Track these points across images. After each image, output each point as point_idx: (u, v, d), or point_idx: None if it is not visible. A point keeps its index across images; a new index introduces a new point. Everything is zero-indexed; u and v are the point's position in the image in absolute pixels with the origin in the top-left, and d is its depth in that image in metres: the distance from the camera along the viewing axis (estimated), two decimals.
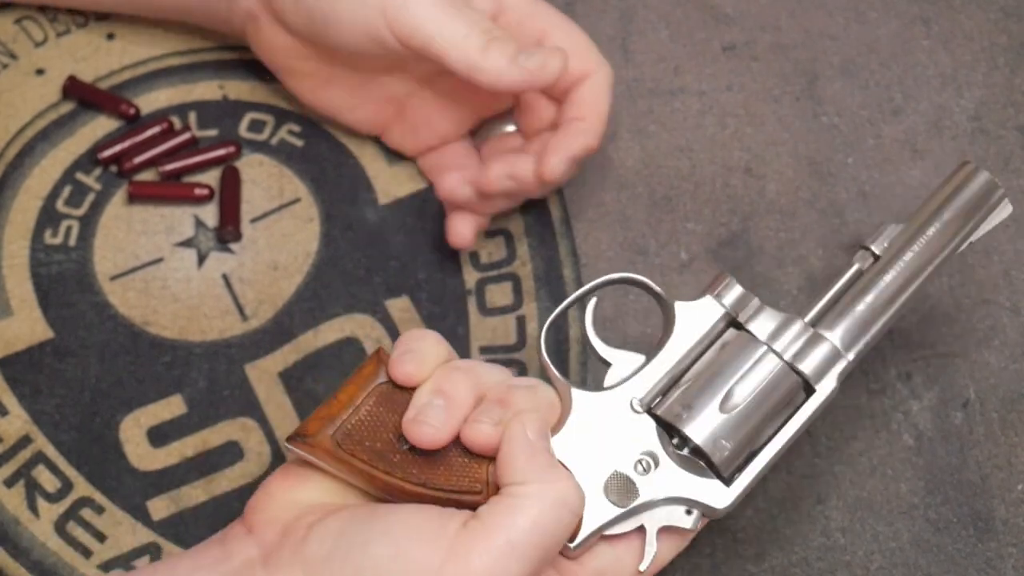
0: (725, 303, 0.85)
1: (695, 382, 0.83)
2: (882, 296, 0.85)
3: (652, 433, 0.83)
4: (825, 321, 0.85)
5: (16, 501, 0.92)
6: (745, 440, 0.82)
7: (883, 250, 0.86)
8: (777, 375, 0.83)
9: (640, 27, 1.05)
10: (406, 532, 0.77)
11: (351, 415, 0.81)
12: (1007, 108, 1.03)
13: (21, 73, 1.02)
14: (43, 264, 0.97)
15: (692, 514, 0.82)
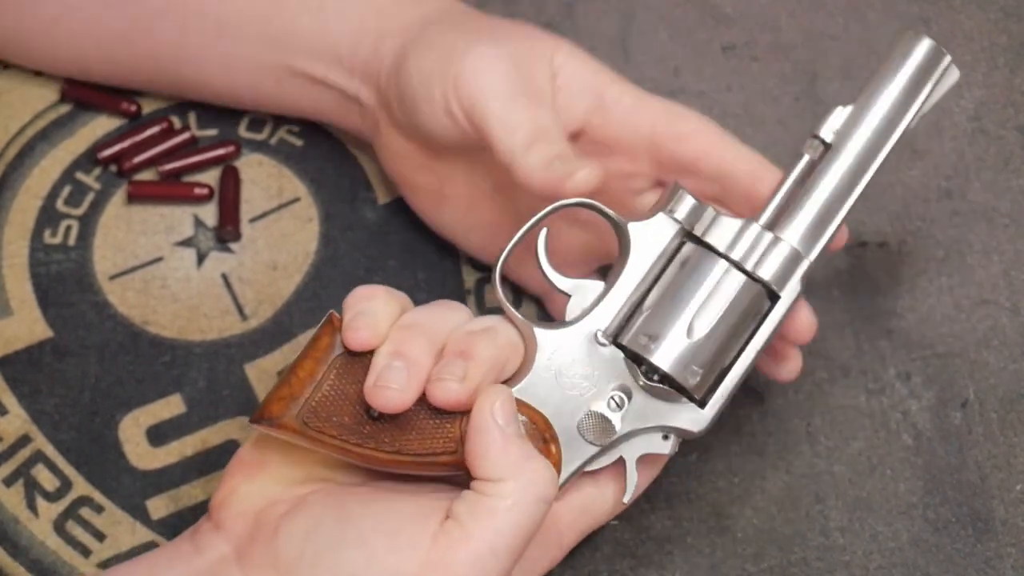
0: (678, 217, 0.83)
1: (658, 307, 0.82)
2: (837, 186, 0.83)
3: (620, 364, 0.81)
4: (781, 222, 0.83)
5: (15, 500, 0.92)
6: (714, 361, 0.81)
7: (833, 136, 0.84)
8: (740, 290, 0.82)
9: (640, 27, 1.05)
10: (380, 537, 0.76)
11: (314, 392, 0.79)
12: (1007, 108, 1.03)
13: (21, 73, 1.02)
14: (42, 264, 0.98)
15: (669, 439, 0.82)
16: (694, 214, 0.83)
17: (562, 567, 0.91)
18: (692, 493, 0.93)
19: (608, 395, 0.81)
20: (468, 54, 0.87)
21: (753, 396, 0.94)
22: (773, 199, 0.84)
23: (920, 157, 1.01)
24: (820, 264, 0.97)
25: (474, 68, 0.86)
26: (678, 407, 0.81)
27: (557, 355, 0.81)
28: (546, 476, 0.78)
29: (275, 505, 0.79)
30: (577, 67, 0.88)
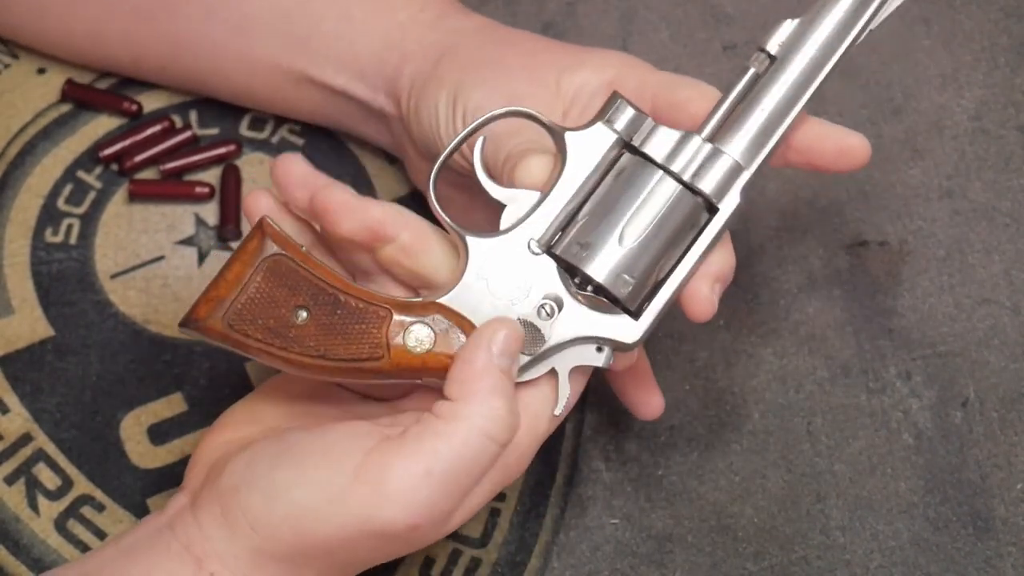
0: (617, 128, 0.82)
1: (592, 216, 0.81)
2: (781, 99, 0.82)
3: (553, 274, 0.81)
4: (723, 134, 0.82)
5: (17, 499, 0.92)
6: (648, 271, 0.81)
7: (778, 48, 0.83)
8: (675, 200, 0.81)
9: (640, 27, 1.05)
10: (312, 454, 0.77)
11: (240, 294, 0.79)
12: (1007, 108, 1.03)
13: (22, 72, 1.02)
14: (44, 262, 0.98)
15: (603, 351, 0.81)
16: (633, 124, 0.82)
17: (562, 565, 0.91)
18: (693, 492, 0.93)
19: (538, 304, 0.81)
20: (471, 100, 0.87)
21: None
22: (716, 111, 0.83)
23: (921, 156, 1.01)
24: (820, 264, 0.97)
25: (475, 114, 0.86)
26: (611, 318, 0.81)
27: (489, 263, 0.81)
28: (506, 418, 0.78)
29: (228, 454, 0.81)
30: (584, 77, 0.88)
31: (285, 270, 0.80)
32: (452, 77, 0.89)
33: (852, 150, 0.85)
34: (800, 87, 0.83)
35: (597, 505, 0.93)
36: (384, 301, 0.81)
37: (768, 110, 0.82)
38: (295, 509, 0.77)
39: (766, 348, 0.96)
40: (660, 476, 0.93)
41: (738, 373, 0.96)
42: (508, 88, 0.88)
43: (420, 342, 0.80)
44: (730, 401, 0.95)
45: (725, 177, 0.81)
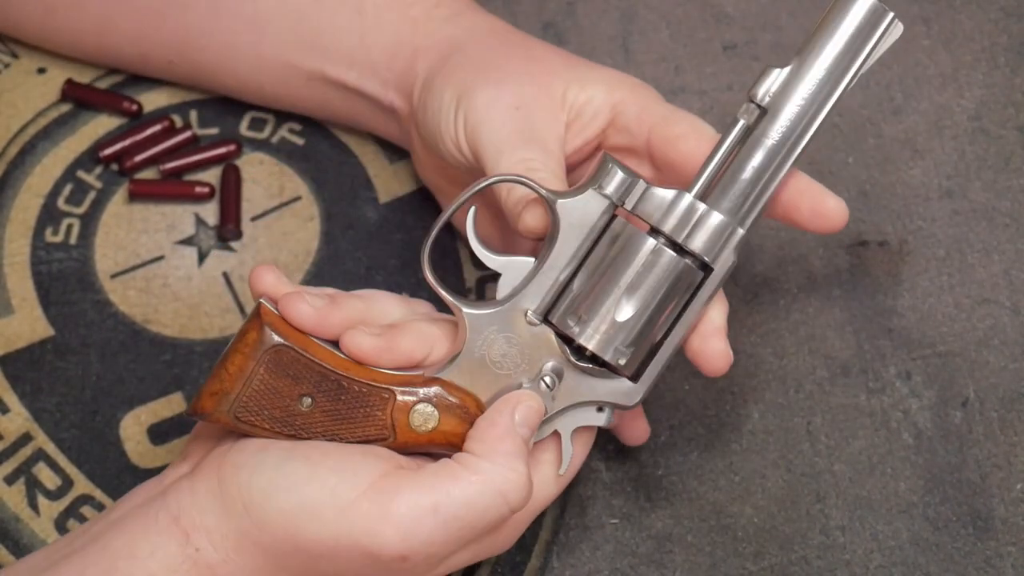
0: (607, 192, 0.81)
1: (586, 287, 0.81)
2: (772, 155, 0.81)
3: (552, 344, 0.82)
4: (715, 192, 0.82)
5: (17, 499, 0.92)
6: (643, 338, 0.81)
7: (768, 99, 0.82)
8: (669, 268, 0.81)
9: (641, 27, 1.05)
10: (327, 460, 0.78)
11: (244, 387, 0.80)
12: (1007, 108, 1.03)
13: (23, 72, 1.03)
14: (44, 262, 0.98)
15: (604, 411, 0.82)
16: (624, 187, 0.82)
17: (562, 565, 0.91)
18: (693, 492, 0.93)
19: (539, 374, 0.81)
20: (475, 97, 0.87)
21: None
22: (707, 167, 0.82)
23: (921, 156, 1.01)
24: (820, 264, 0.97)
25: (478, 112, 0.87)
26: (611, 383, 0.82)
27: (487, 335, 0.81)
28: (522, 483, 0.78)
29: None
30: (591, 92, 0.88)
31: (288, 360, 0.81)
32: (459, 76, 0.89)
33: (827, 212, 0.85)
34: (793, 142, 0.82)
35: (597, 505, 0.93)
36: (387, 381, 0.81)
37: (758, 166, 0.82)
38: (295, 503, 0.77)
39: (766, 348, 0.96)
40: (660, 476, 0.93)
41: (738, 373, 0.96)
42: (514, 93, 0.88)
43: (425, 420, 0.81)
44: (730, 401, 0.95)
45: (718, 236, 0.81)
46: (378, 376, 0.81)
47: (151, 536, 0.77)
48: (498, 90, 0.88)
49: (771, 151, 0.82)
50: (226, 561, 0.77)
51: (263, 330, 0.81)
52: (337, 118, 0.99)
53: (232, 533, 0.78)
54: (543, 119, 0.87)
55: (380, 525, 0.76)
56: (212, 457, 0.80)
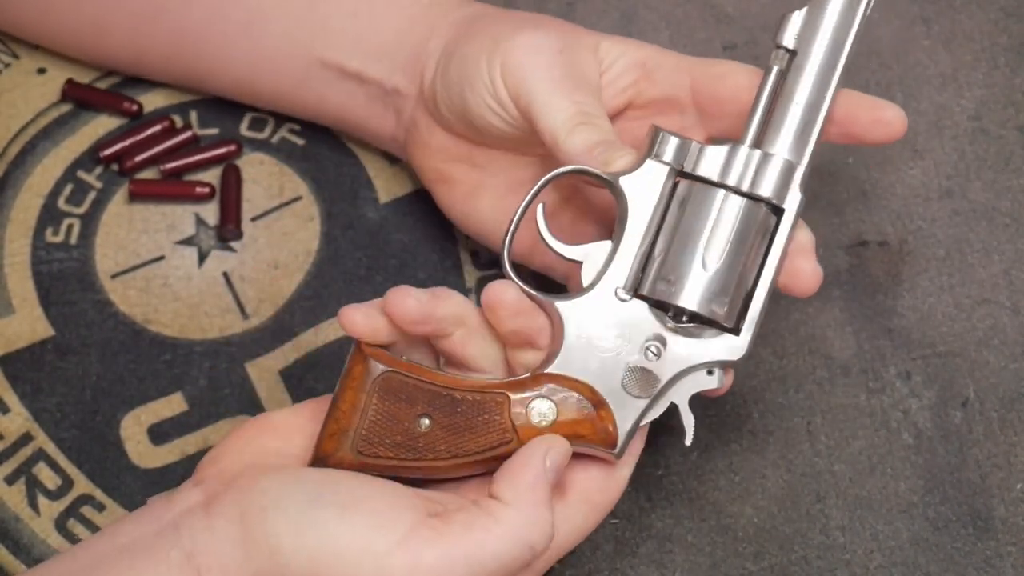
0: (666, 159, 0.83)
1: (669, 250, 0.82)
2: (813, 88, 0.83)
3: (648, 315, 0.82)
4: (767, 137, 0.83)
5: (17, 499, 0.92)
6: (737, 286, 0.82)
7: (795, 42, 0.84)
8: (743, 213, 0.82)
9: (641, 27, 1.05)
10: (360, 506, 0.77)
11: (361, 420, 0.81)
12: (1007, 108, 1.03)
13: (23, 72, 1.03)
14: (44, 262, 0.98)
15: (714, 373, 0.83)
16: (681, 152, 0.83)
17: (562, 565, 0.91)
18: (693, 492, 0.93)
19: (643, 347, 0.82)
20: (515, 38, 0.87)
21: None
22: (753, 116, 0.84)
23: (921, 156, 1.01)
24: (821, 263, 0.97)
25: (520, 52, 0.87)
26: (714, 340, 0.82)
27: (584, 323, 0.82)
28: (547, 530, 0.79)
29: (261, 465, 0.80)
30: (623, 48, 0.89)
31: (397, 385, 0.81)
32: (491, 28, 0.89)
33: (887, 118, 0.86)
34: (827, 70, 0.84)
35: None
36: (497, 387, 0.82)
37: (803, 102, 0.83)
38: (329, 551, 0.76)
39: (766, 348, 0.96)
40: (660, 476, 0.93)
41: (738, 373, 0.95)
42: (555, 38, 0.88)
43: (544, 416, 0.82)
44: (730, 401, 0.95)
45: (781, 178, 0.83)
46: (487, 384, 0.82)
47: (161, 573, 0.76)
48: (538, 33, 0.88)
49: (810, 85, 0.83)
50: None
51: (367, 361, 0.81)
52: (329, 118, 0.98)
53: (251, 570, 0.77)
54: (586, 65, 0.88)
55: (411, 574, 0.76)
56: (231, 493, 0.78)
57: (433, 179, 0.95)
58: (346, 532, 0.76)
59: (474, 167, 0.93)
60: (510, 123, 0.88)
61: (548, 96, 0.86)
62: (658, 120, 0.89)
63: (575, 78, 0.87)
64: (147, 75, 1.01)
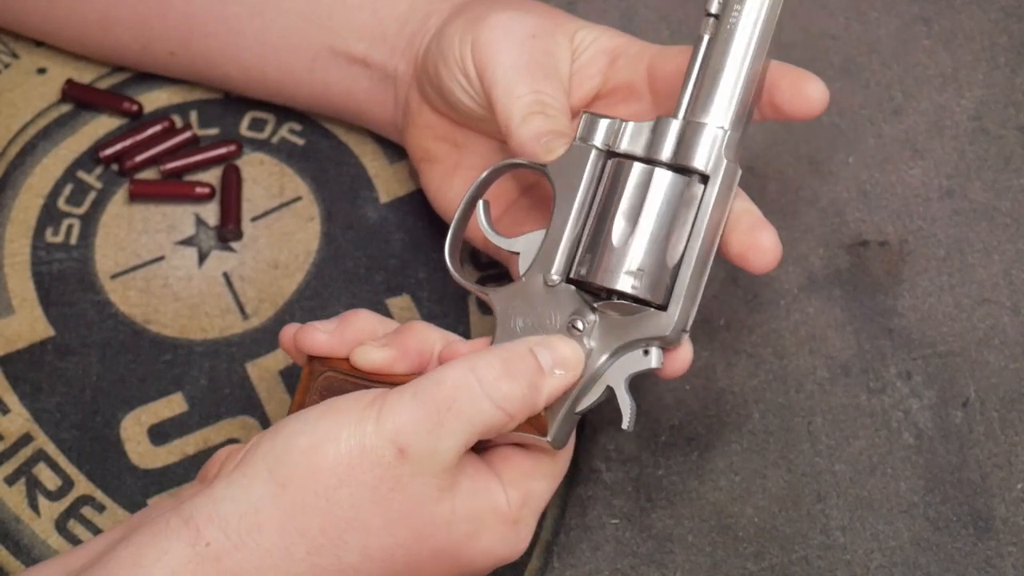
0: (594, 142, 0.83)
1: (591, 230, 0.82)
2: (733, 54, 0.82)
3: (575, 299, 0.82)
4: (695, 106, 0.82)
5: (17, 499, 0.92)
6: (657, 259, 0.81)
7: (717, 6, 0.83)
8: (655, 183, 0.81)
9: (641, 27, 1.05)
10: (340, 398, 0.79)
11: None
12: (1007, 108, 1.03)
13: (23, 72, 1.03)
14: (44, 262, 0.98)
15: (651, 353, 0.82)
16: (610, 132, 0.83)
17: (562, 565, 0.91)
18: (693, 492, 0.93)
19: (567, 328, 0.82)
20: (488, 19, 0.88)
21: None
22: (685, 88, 0.83)
23: (921, 156, 1.01)
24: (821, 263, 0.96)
25: (492, 30, 0.88)
26: (643, 317, 0.81)
27: (517, 311, 0.82)
28: (495, 359, 0.79)
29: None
30: (595, 35, 0.90)
31: (339, 384, 0.83)
32: (476, 8, 0.90)
33: (806, 93, 0.85)
34: (752, 34, 0.82)
35: (597, 505, 0.93)
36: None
37: (725, 67, 0.82)
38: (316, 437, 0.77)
39: (766, 348, 0.96)
40: (660, 476, 0.93)
41: (738, 373, 0.96)
42: (532, 22, 0.88)
43: None
44: (730, 401, 0.95)
45: (706, 145, 0.81)
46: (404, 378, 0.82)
47: (159, 542, 0.77)
48: (514, 16, 0.88)
49: (734, 47, 0.82)
50: (237, 547, 0.76)
51: (310, 363, 0.84)
52: (331, 103, 0.99)
53: (250, 511, 0.77)
54: (557, 53, 0.88)
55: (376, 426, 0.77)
56: (228, 462, 0.80)
57: (419, 157, 0.95)
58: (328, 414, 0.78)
59: (455, 147, 0.93)
60: (476, 101, 0.89)
61: (509, 82, 0.86)
62: (619, 108, 0.89)
63: (542, 65, 0.87)
64: (153, 67, 1.01)
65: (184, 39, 0.97)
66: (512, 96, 0.86)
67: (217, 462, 0.82)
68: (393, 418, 0.77)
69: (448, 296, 0.98)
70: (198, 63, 0.99)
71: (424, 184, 0.95)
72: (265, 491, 0.77)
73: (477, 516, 0.80)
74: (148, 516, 0.80)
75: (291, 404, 0.85)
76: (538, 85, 0.86)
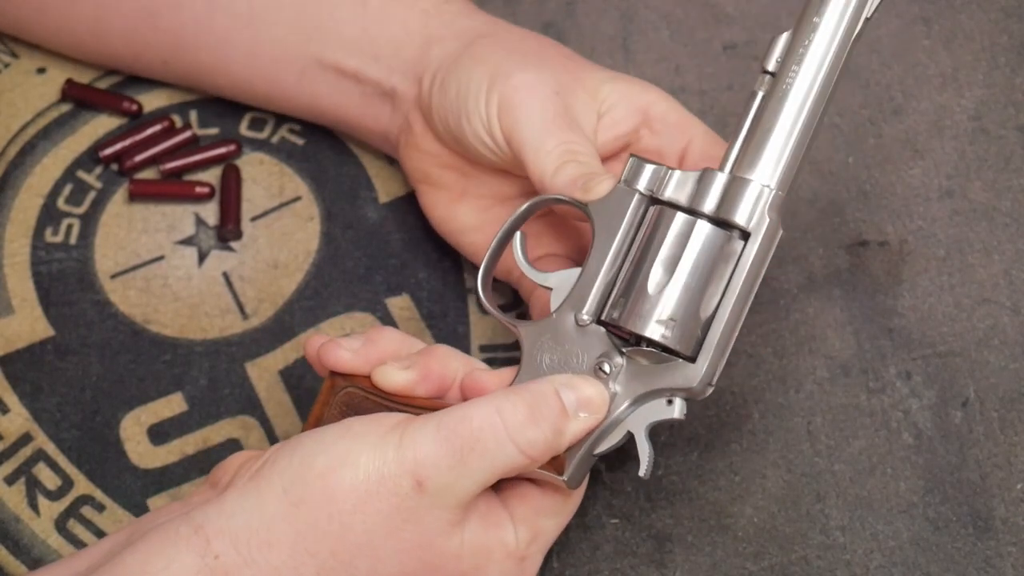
0: (638, 187, 0.83)
1: (628, 274, 0.82)
2: (787, 113, 0.82)
3: (604, 340, 0.82)
4: (745, 162, 0.82)
5: (17, 499, 0.92)
6: (690, 310, 0.81)
7: (775, 65, 0.83)
8: (697, 235, 0.81)
9: (641, 27, 1.05)
10: (358, 420, 0.79)
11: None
12: (1007, 108, 1.03)
13: (22, 72, 1.03)
14: (44, 262, 0.98)
15: (674, 403, 0.82)
16: (655, 178, 0.83)
17: (562, 565, 0.91)
18: (693, 492, 0.93)
19: (594, 370, 0.82)
20: (512, 78, 0.88)
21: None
22: (735, 142, 0.83)
23: (921, 156, 1.01)
24: (821, 263, 0.96)
25: (516, 93, 0.88)
26: (671, 367, 0.81)
27: (545, 346, 0.82)
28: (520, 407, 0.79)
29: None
30: (625, 91, 0.90)
31: (357, 401, 0.83)
32: (492, 58, 0.90)
33: None
34: (804, 96, 0.82)
35: (597, 505, 0.93)
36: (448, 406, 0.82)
37: (777, 126, 0.82)
38: (333, 458, 0.77)
39: (766, 348, 0.96)
40: (660, 476, 0.93)
41: (738, 373, 0.96)
42: (554, 79, 0.88)
43: None
44: (730, 401, 0.95)
45: (750, 201, 0.81)
46: (439, 403, 0.82)
47: (167, 549, 0.76)
48: (539, 73, 0.88)
49: (787, 108, 0.82)
50: (247, 563, 0.76)
51: (331, 377, 0.84)
52: (322, 115, 0.99)
53: (262, 528, 0.77)
54: (580, 108, 0.88)
55: (398, 454, 0.77)
56: (242, 472, 0.80)
57: (419, 179, 0.95)
58: (347, 437, 0.78)
59: (462, 176, 0.93)
60: (501, 157, 0.89)
61: (538, 140, 0.86)
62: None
63: (566, 119, 0.87)
64: (146, 74, 1.01)
65: (174, 50, 0.97)
66: (542, 153, 0.86)
67: (231, 468, 0.81)
68: (415, 449, 0.77)
69: (448, 296, 0.98)
70: (190, 73, 0.99)
71: (426, 206, 0.95)
72: (278, 509, 0.77)
73: (485, 551, 0.80)
74: (156, 520, 0.79)
75: (310, 416, 0.84)
76: (565, 136, 0.86)
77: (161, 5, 0.96)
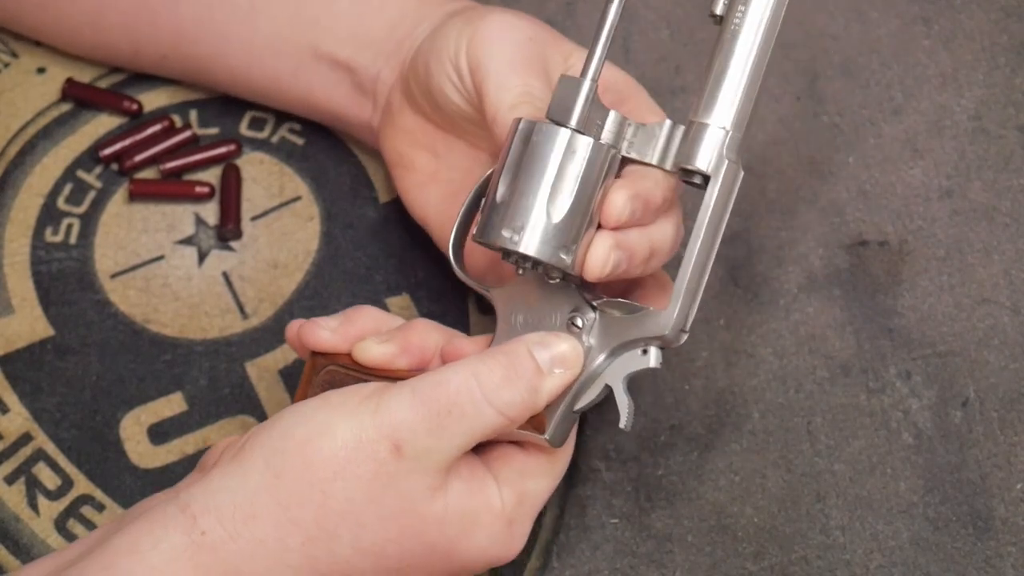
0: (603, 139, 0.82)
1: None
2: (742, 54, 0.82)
3: (575, 296, 0.82)
4: (701, 107, 0.82)
5: (16, 499, 0.92)
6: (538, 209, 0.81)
7: (722, 7, 0.83)
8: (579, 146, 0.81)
9: (641, 26, 1.05)
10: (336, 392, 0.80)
11: None
12: (1007, 108, 1.03)
13: (22, 71, 1.03)
14: (44, 262, 0.98)
15: (649, 352, 0.81)
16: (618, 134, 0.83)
17: (562, 565, 0.91)
18: (693, 492, 0.93)
19: (567, 324, 0.82)
20: (488, 17, 0.88)
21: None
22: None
23: (921, 156, 1.01)
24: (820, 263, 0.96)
25: (489, 29, 0.88)
26: (642, 316, 0.81)
27: (520, 308, 0.83)
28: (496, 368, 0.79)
29: None
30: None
31: (339, 380, 0.83)
32: (471, 13, 0.90)
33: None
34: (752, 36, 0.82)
35: (597, 505, 0.93)
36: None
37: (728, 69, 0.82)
38: (312, 429, 0.77)
39: (766, 348, 0.96)
40: (660, 476, 0.93)
41: (738, 373, 0.96)
42: (530, 28, 0.89)
43: None
44: (730, 401, 0.95)
45: (708, 145, 0.81)
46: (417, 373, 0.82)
47: (156, 529, 0.77)
48: (516, 18, 0.89)
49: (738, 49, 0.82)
50: (233, 537, 0.77)
51: (312, 357, 0.84)
52: (316, 109, 0.99)
53: (245, 502, 0.77)
54: (551, 64, 0.88)
55: (374, 419, 0.77)
56: (226, 452, 0.80)
57: (395, 162, 0.95)
58: (324, 408, 0.78)
59: (435, 156, 0.93)
60: (465, 97, 0.89)
61: (503, 75, 0.86)
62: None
63: (536, 66, 0.87)
64: (145, 69, 1.01)
65: (173, 43, 0.97)
66: (503, 89, 0.86)
67: (216, 452, 0.82)
68: (391, 414, 0.78)
69: (447, 295, 0.98)
70: (189, 67, 0.99)
71: (400, 190, 0.95)
72: (261, 482, 0.77)
73: (470, 514, 0.80)
74: (144, 507, 0.80)
75: (294, 398, 0.85)
76: (528, 79, 0.86)
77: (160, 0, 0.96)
